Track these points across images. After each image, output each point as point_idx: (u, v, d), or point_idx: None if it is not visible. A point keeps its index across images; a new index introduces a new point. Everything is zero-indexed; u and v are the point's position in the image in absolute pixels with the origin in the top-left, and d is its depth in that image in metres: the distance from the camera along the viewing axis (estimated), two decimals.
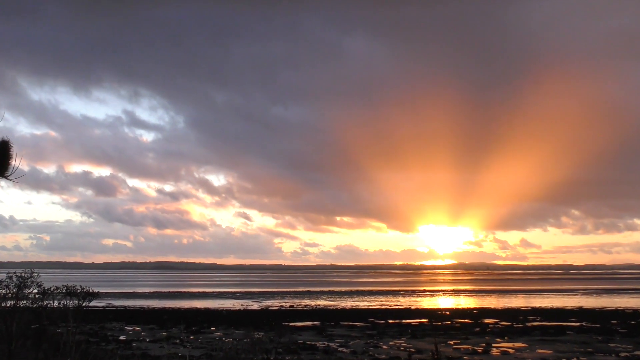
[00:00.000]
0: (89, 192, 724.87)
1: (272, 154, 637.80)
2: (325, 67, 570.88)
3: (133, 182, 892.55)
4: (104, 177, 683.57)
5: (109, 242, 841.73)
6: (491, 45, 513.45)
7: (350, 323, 61.62)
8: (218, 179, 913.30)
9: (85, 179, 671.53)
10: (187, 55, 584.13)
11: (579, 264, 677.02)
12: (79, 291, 20.68)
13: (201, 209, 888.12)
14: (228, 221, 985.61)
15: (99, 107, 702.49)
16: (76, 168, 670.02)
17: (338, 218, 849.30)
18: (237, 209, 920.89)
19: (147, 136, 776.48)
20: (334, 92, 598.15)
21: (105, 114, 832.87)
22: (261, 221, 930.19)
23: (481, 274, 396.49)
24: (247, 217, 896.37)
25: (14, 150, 7.18)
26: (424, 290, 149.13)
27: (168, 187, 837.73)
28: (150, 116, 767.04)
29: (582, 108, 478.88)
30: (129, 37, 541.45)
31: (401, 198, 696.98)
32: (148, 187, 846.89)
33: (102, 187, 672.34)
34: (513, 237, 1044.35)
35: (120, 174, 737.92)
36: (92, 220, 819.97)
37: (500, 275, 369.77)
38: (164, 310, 79.83)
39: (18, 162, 7.21)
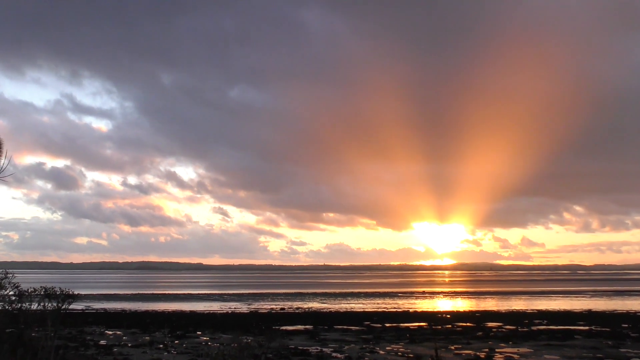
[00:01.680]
0: (49, 186, 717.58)
1: (241, 144, 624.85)
2: (283, 44, 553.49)
3: (93, 174, 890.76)
4: (59, 168, 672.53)
5: (82, 240, 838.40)
6: (470, 21, 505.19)
7: (345, 327, 61.69)
8: (186, 172, 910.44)
9: (39, 171, 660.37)
10: (128, 31, 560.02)
11: (587, 264, 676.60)
12: (58, 293, 20.66)
13: (174, 205, 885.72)
14: (206, 218, 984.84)
15: (35, 89, 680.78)
16: (27, 159, 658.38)
17: (324, 214, 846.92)
18: (212, 204, 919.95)
19: (97, 123, 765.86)
20: (295, 73, 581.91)
21: (45, 99, 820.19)
22: (240, 217, 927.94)
23: (484, 275, 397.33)
24: (225, 213, 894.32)
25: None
26: (423, 292, 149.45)
27: (132, 180, 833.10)
28: (94, 101, 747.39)
29: (574, 90, 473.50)
30: (61, 11, 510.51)
31: (386, 192, 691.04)
32: (109, 179, 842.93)
33: (61, 180, 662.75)
34: (514, 235, 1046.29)
35: (77, 166, 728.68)
36: (59, 217, 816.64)
37: (503, 276, 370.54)
38: (146, 313, 79.80)
39: (5, 161, 7.27)
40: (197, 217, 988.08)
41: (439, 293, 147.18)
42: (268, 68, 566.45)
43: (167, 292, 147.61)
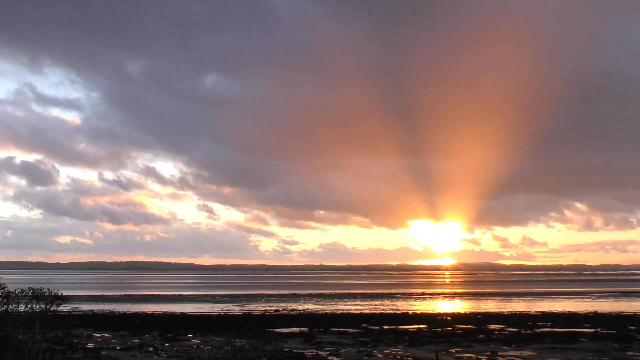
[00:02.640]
0: (23, 182, 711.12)
1: (220, 137, 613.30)
2: (253, 28, 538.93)
3: (67, 170, 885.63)
4: (31, 163, 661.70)
5: (66, 239, 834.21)
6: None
7: (342, 329, 61.79)
8: (166, 167, 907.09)
9: (10, 166, 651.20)
10: (89, 15, 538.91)
11: (592, 264, 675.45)
12: (46, 294, 20.62)
13: (156, 202, 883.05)
14: (191, 216, 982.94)
15: None
16: None
17: (314, 212, 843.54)
18: (197, 201, 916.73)
19: (65, 115, 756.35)
20: (270, 60, 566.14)
21: (5, 88, 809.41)
22: (227, 215, 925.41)
23: (485, 275, 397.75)
24: (210, 211, 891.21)
25: None
26: (423, 293, 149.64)
27: (109, 175, 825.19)
28: (58, 91, 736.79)
29: (571, 78, 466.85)
30: None
31: (377, 188, 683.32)
32: (85, 175, 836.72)
33: (34, 175, 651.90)
34: (514, 233, 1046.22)
35: (50, 161, 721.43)
36: (38, 215, 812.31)
37: (505, 276, 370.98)
38: (136, 315, 79.83)
39: None
40: (182, 215, 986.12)
41: (439, 294, 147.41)
42: (240, 55, 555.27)
43: (157, 293, 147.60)
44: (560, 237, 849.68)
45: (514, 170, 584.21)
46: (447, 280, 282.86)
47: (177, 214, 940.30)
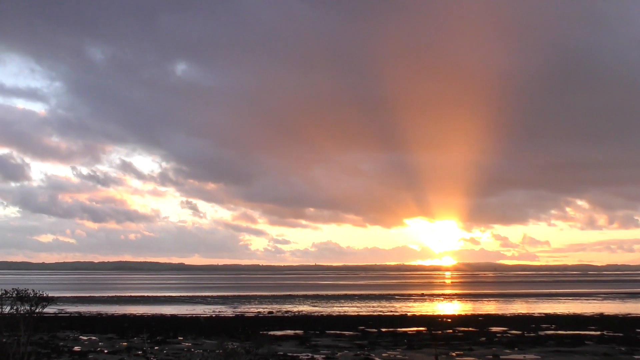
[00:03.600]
0: None
1: (198, 129, 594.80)
2: (223, 11, 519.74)
3: (39, 165, 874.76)
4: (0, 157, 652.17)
5: (47, 238, 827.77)
6: None
7: (338, 332, 61.84)
8: (144, 162, 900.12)
9: None
10: None
11: (598, 264, 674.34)
12: (31, 295, 20.58)
13: (137, 198, 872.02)
14: (176, 213, 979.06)
15: None
16: None
17: (304, 210, 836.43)
18: (179, 198, 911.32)
19: (30, 106, 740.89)
20: (241, 45, 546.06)
21: None
22: (213, 212, 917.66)
23: (487, 276, 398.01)
24: (195, 208, 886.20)
25: None
26: (422, 294, 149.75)
27: (84, 171, 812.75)
28: (18, 80, 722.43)
29: (567, 65, 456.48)
30: None
31: (369, 185, 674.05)
32: (58, 170, 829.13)
33: (5, 170, 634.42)
34: (514, 232, 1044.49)
35: (19, 155, 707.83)
36: (16, 212, 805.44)
37: (508, 277, 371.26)
38: (124, 317, 79.81)
39: None
40: (166, 212, 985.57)
41: (438, 295, 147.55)
42: (209, 40, 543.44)
43: (146, 294, 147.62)
44: (562, 236, 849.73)
45: (510, 165, 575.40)
46: (448, 281, 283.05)
47: (161, 212, 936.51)
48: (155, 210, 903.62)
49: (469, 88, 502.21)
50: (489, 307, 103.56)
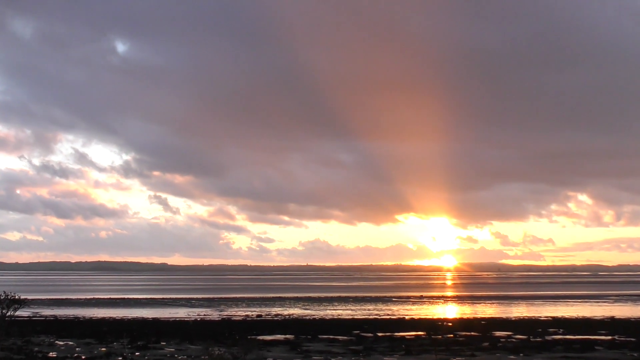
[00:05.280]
0: None
1: (153, 115, 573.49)
2: None
3: None
4: None
5: (14, 235, 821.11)
6: None
7: (331, 336, 61.80)
8: (101, 151, 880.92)
9: None
10: None
11: (608, 264, 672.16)
12: (2, 297, 20.54)
13: (101, 192, 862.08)
14: (146, 210, 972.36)
15: None
16: None
17: (286, 206, 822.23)
18: (147, 192, 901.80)
19: None
20: (188, 22, 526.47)
21: None
22: (185, 208, 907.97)
23: (491, 276, 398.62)
24: (165, 203, 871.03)
25: None
26: (421, 297, 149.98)
27: (37, 162, 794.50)
28: None
29: (562, 42, 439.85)
30: None
31: (350, 177, 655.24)
32: (7, 161, 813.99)
33: None
34: (514, 229, 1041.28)
35: None
36: None
37: (513, 277, 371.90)
38: (103, 321, 79.73)
39: None
40: (136, 208, 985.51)
41: (438, 297, 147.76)
42: (147, 14, 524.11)
43: (126, 296, 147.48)
44: (566, 234, 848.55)
45: (502, 155, 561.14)
46: (448, 282, 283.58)
47: (130, 207, 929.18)
48: (123, 206, 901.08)
49: (450, 67, 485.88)
50: (492, 310, 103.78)
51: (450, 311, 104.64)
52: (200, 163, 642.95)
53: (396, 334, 64.56)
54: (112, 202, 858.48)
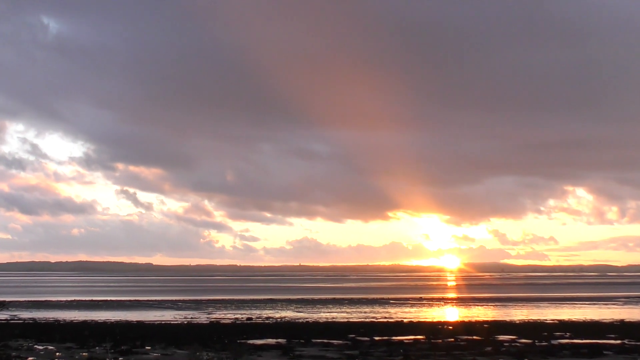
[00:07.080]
0: None
1: (102, 99, 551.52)
2: None
3: None
4: None
5: None
6: None
7: (325, 340, 61.88)
8: (53, 140, 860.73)
9: None
10: None
11: (617, 264, 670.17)
12: None
13: (64, 187, 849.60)
14: (116, 205, 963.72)
15: None
16: None
17: (266, 201, 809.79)
18: (113, 186, 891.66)
19: None
20: None
21: None
22: (157, 204, 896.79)
23: (493, 277, 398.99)
24: (135, 199, 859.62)
25: None
26: (420, 299, 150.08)
27: None
28: None
29: (556, 17, 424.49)
30: None
31: (328, 169, 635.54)
32: None
33: None
34: (512, 226, 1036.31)
35: None
36: None
37: (517, 278, 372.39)
38: (84, 324, 79.70)
39: None
40: (105, 204, 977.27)
41: (438, 299, 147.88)
42: None
43: (109, 298, 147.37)
44: (568, 232, 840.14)
45: (492, 145, 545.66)
46: (449, 283, 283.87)
47: (98, 202, 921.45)
48: (91, 201, 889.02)
49: (440, 47, 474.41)
50: (496, 313, 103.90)
51: (451, 314, 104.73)
52: (165, 154, 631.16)
53: (394, 338, 64.65)
54: (78, 197, 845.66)
